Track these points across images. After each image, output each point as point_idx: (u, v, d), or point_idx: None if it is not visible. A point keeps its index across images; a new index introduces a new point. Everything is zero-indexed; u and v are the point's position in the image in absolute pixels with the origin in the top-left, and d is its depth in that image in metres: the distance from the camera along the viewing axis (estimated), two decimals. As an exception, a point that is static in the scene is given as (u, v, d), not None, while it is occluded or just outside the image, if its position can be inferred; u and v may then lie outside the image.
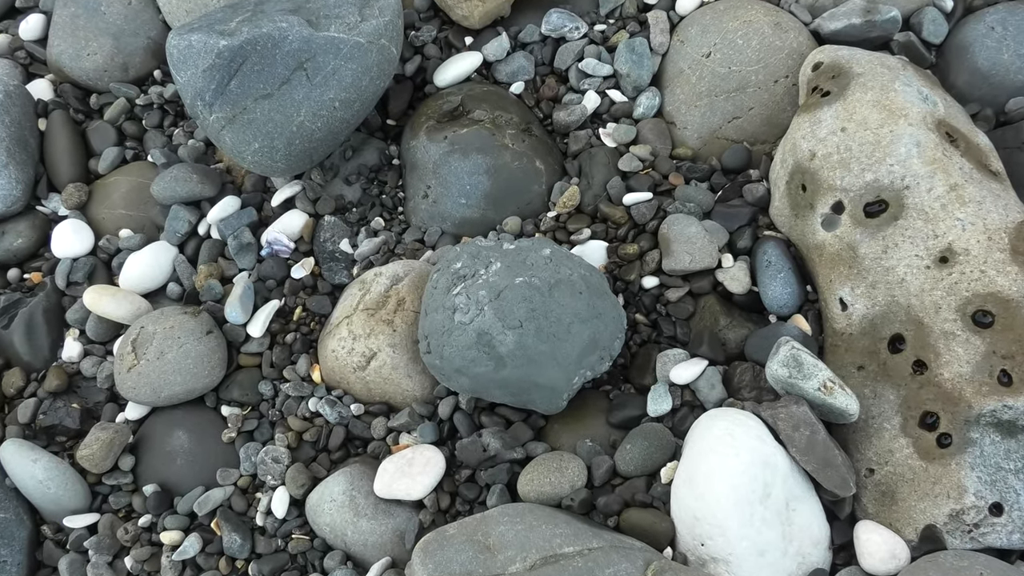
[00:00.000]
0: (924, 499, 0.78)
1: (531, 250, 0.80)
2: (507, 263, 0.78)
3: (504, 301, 0.76)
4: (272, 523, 0.92)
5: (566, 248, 0.90)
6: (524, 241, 0.83)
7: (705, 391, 0.87)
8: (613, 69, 1.07)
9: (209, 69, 0.90)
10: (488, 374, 0.79)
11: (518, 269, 0.77)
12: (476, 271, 0.77)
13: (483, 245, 0.81)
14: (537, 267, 0.78)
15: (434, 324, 0.81)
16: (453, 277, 0.79)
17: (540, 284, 0.77)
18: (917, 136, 0.82)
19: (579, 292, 0.79)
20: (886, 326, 0.82)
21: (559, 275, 0.78)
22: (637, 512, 0.81)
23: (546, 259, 0.80)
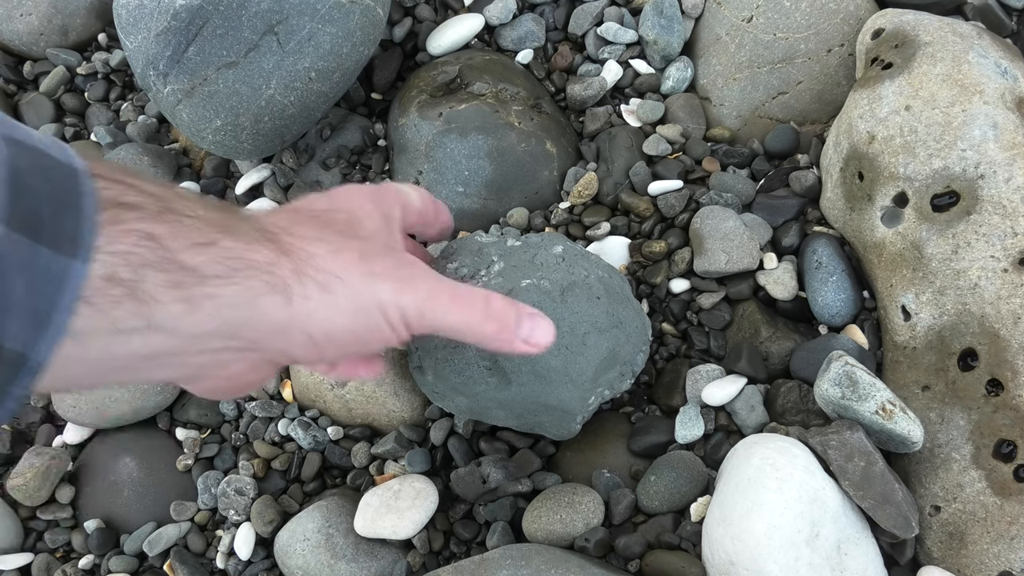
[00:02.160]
0: (999, 541, 0.78)
1: (540, 247, 0.79)
2: (512, 262, 0.77)
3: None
4: (235, 565, 0.93)
5: (581, 245, 0.91)
6: (532, 236, 0.82)
7: (743, 414, 0.88)
8: (638, 35, 1.08)
9: (163, 33, 0.91)
10: (489, 393, 0.78)
11: (525, 269, 0.76)
12: (476, 271, 0.77)
13: (484, 241, 0.80)
14: (547, 267, 0.77)
15: None
16: (449, 277, 0.75)
17: (551, 287, 0.76)
18: (994, 116, 0.83)
19: (596, 297, 0.78)
20: (956, 339, 0.82)
21: (573, 277, 0.78)
22: (663, 555, 0.82)
23: (558, 258, 0.79)
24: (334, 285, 0.54)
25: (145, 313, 0.44)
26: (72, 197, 0.41)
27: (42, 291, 0.39)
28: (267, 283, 0.50)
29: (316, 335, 0.54)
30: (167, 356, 0.47)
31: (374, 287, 0.56)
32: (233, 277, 0.48)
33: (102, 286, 0.41)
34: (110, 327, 0.43)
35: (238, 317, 0.49)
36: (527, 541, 0.85)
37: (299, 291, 0.52)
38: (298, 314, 0.52)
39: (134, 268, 0.43)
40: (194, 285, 0.46)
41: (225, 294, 0.47)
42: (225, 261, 0.47)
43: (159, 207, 0.45)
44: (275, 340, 0.52)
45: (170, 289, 0.44)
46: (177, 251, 0.45)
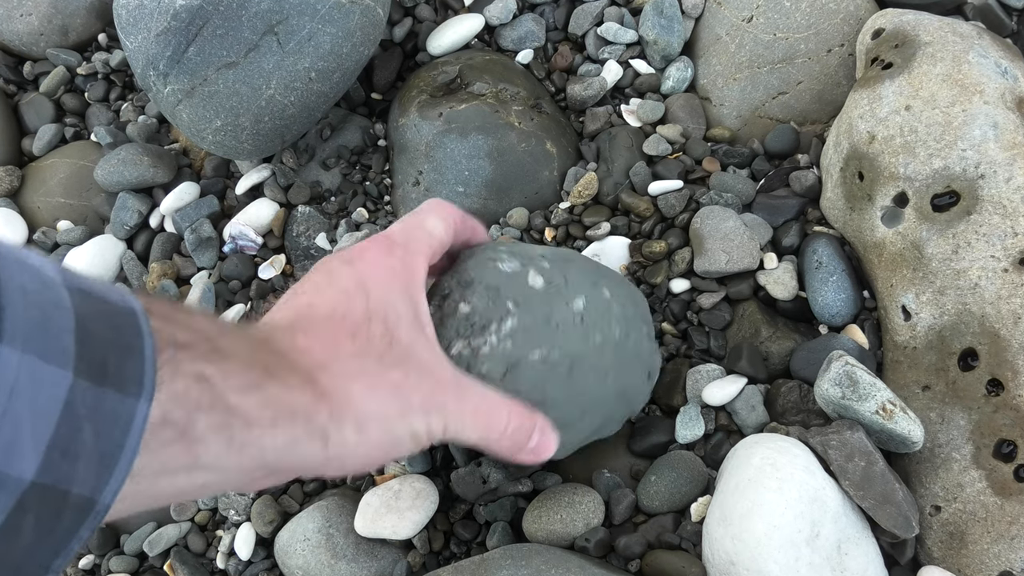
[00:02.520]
0: (999, 541, 0.78)
1: (560, 296, 0.74)
2: (527, 320, 0.72)
3: (512, 380, 0.72)
4: (235, 565, 0.93)
5: (612, 281, 0.81)
6: (557, 271, 0.75)
7: (744, 414, 0.88)
8: (638, 35, 1.08)
9: (164, 33, 0.91)
10: None
11: (538, 334, 0.72)
12: (487, 324, 0.72)
13: (504, 273, 0.74)
14: (563, 330, 0.73)
15: None
16: (459, 323, 0.72)
17: (559, 360, 0.72)
18: (994, 116, 0.83)
19: (605, 373, 0.75)
20: (956, 339, 0.82)
21: (587, 345, 0.74)
22: (663, 555, 0.82)
23: (577, 317, 0.74)
24: (369, 426, 0.56)
25: (193, 453, 0.44)
26: (134, 339, 0.42)
27: (109, 435, 0.40)
28: (307, 430, 0.51)
29: (349, 467, 0.57)
30: (209, 486, 0.48)
31: (408, 420, 0.58)
32: (277, 424, 0.49)
33: (156, 429, 0.42)
34: (159, 468, 0.43)
35: (279, 458, 0.50)
36: (527, 541, 0.85)
37: (336, 437, 0.53)
38: (334, 455, 0.54)
39: (187, 411, 0.44)
40: (240, 428, 0.47)
41: (268, 439, 0.49)
42: (270, 406, 0.49)
43: (208, 347, 0.46)
44: (307, 473, 0.55)
45: (218, 431, 0.45)
46: (226, 393, 0.46)
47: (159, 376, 0.42)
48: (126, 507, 0.45)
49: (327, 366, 0.55)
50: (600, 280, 0.77)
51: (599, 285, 0.76)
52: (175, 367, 0.43)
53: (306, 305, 0.60)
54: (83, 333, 0.39)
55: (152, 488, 0.44)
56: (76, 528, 0.40)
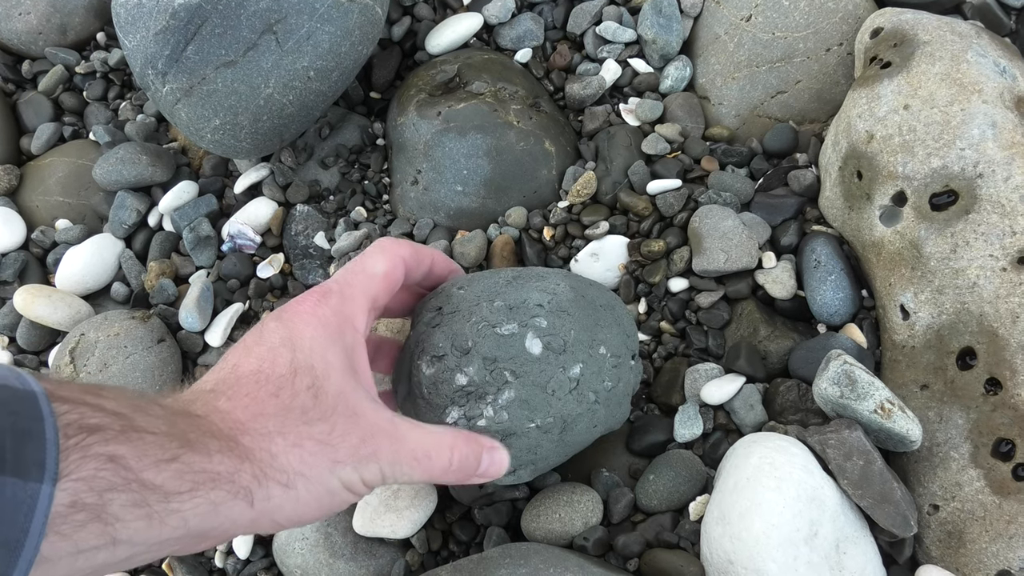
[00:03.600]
0: (997, 540, 0.78)
1: (558, 363, 0.73)
2: (525, 391, 0.72)
3: (506, 447, 0.72)
4: (234, 564, 0.92)
5: (607, 326, 0.79)
6: (554, 331, 0.74)
7: (742, 413, 0.88)
8: (636, 34, 1.08)
9: (162, 32, 0.91)
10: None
11: (535, 404, 0.72)
12: (484, 394, 0.71)
13: (503, 338, 0.73)
14: (558, 395, 0.73)
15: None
16: (455, 392, 0.72)
17: (553, 425, 0.73)
18: (993, 115, 0.83)
19: (595, 425, 0.77)
20: (955, 338, 0.82)
21: (581, 407, 0.75)
22: (662, 554, 0.82)
23: (572, 383, 0.74)
24: (296, 482, 0.55)
25: (109, 532, 0.44)
26: (34, 423, 0.42)
27: (12, 521, 0.40)
28: (229, 492, 0.51)
29: (282, 522, 0.56)
30: (134, 558, 0.48)
31: (337, 474, 0.58)
32: (196, 491, 0.49)
33: (66, 512, 0.42)
34: (74, 549, 0.43)
35: (202, 525, 0.50)
36: (526, 540, 0.85)
37: (261, 495, 0.53)
38: (263, 512, 0.53)
39: (98, 493, 0.44)
40: (158, 502, 0.47)
41: (189, 508, 0.48)
42: (188, 476, 0.48)
43: (121, 426, 0.46)
44: (238, 531, 0.54)
45: (134, 508, 0.45)
46: (140, 471, 0.46)
47: (68, 462, 0.42)
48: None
49: (247, 428, 0.55)
50: (597, 334, 0.76)
51: (596, 343, 0.76)
52: (84, 451, 0.43)
53: (231, 367, 0.59)
54: None
55: (71, 569, 0.44)
56: None
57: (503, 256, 0.97)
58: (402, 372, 0.76)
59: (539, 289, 0.75)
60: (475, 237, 0.98)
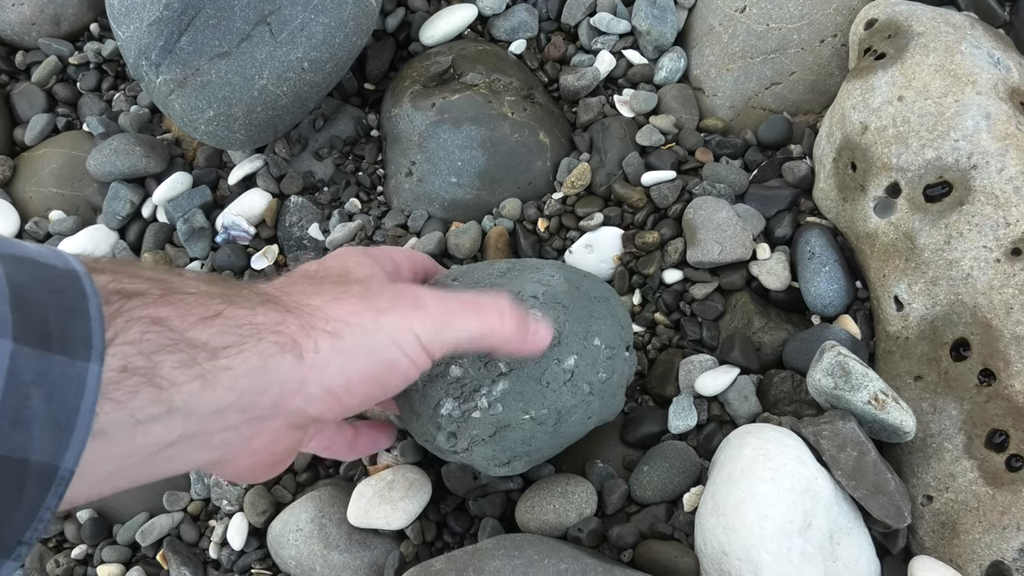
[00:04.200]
0: (990, 531, 0.78)
1: (552, 355, 0.73)
2: (519, 384, 0.72)
3: (500, 441, 0.73)
4: (228, 555, 0.92)
5: (601, 317, 0.78)
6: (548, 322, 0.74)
7: (736, 404, 0.88)
8: (631, 25, 1.07)
9: (156, 23, 0.90)
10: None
11: (529, 396, 0.72)
12: (479, 387, 0.72)
13: None
14: (553, 388, 0.73)
15: (407, 414, 0.77)
16: (449, 384, 0.72)
17: (547, 416, 0.73)
18: (987, 107, 0.83)
19: (589, 417, 0.77)
20: (948, 329, 0.82)
21: (576, 398, 0.74)
22: (656, 545, 0.82)
23: (567, 374, 0.73)
24: (343, 331, 0.54)
25: (164, 399, 0.44)
26: (77, 301, 0.41)
27: (61, 399, 0.39)
28: (277, 343, 0.50)
29: (334, 387, 0.54)
30: (190, 439, 0.47)
31: (383, 322, 0.56)
32: (243, 344, 0.48)
33: (118, 378, 0.41)
34: (131, 419, 0.43)
35: (255, 385, 0.49)
36: (519, 532, 0.85)
37: (309, 345, 0.52)
38: (313, 368, 0.52)
39: (147, 355, 0.43)
40: (207, 360, 0.46)
41: (238, 363, 0.47)
42: (233, 330, 0.48)
43: (161, 290, 0.45)
44: (293, 400, 0.52)
45: (185, 369, 0.45)
46: (185, 330, 0.45)
47: (113, 327, 0.41)
48: (108, 473, 0.44)
49: (286, 290, 0.54)
50: (592, 326, 0.76)
51: (591, 335, 0.75)
52: (128, 315, 0.43)
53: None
54: (18, 300, 0.39)
55: (129, 444, 0.43)
56: (41, 497, 0.39)
57: (497, 248, 0.97)
58: None
59: (533, 281, 0.75)
60: (469, 229, 0.98)
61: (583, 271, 0.82)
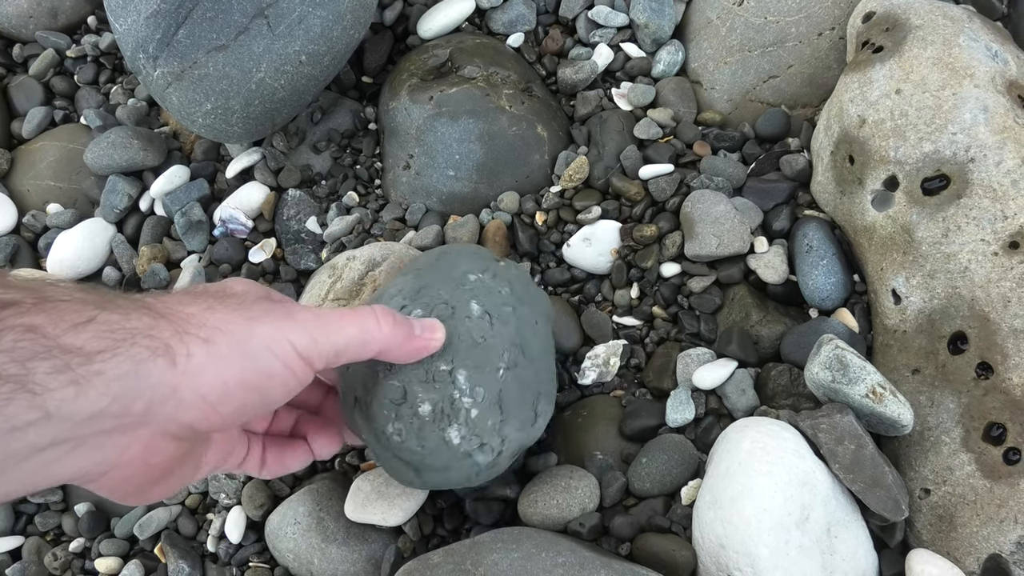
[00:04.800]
0: (988, 524, 0.78)
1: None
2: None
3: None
4: (226, 549, 0.92)
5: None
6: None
7: (734, 397, 0.87)
8: (629, 18, 1.07)
9: (153, 15, 0.90)
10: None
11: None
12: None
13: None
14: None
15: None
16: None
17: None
18: (984, 100, 0.83)
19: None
20: (946, 322, 0.82)
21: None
22: (654, 538, 0.81)
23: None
24: (216, 337, 0.52)
25: (39, 404, 0.43)
26: None
27: None
28: (149, 348, 0.49)
29: (208, 394, 0.52)
30: (62, 444, 0.46)
31: (256, 330, 0.55)
32: (116, 349, 0.47)
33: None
34: (7, 425, 0.42)
35: (126, 390, 0.48)
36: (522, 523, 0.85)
37: (182, 350, 0.50)
38: (186, 374, 0.50)
39: (20, 363, 0.43)
40: (81, 365, 0.45)
41: (110, 368, 0.46)
42: (106, 335, 0.47)
43: (34, 299, 0.45)
44: (165, 406, 0.50)
45: (58, 374, 0.44)
46: (59, 336, 0.45)
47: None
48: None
49: (162, 300, 0.54)
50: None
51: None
52: (1, 325, 0.43)
53: None
54: None
55: (7, 451, 0.43)
56: None
57: (496, 241, 0.97)
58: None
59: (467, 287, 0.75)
60: (467, 222, 0.98)
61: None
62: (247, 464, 0.69)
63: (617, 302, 0.95)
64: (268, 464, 0.70)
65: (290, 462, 0.71)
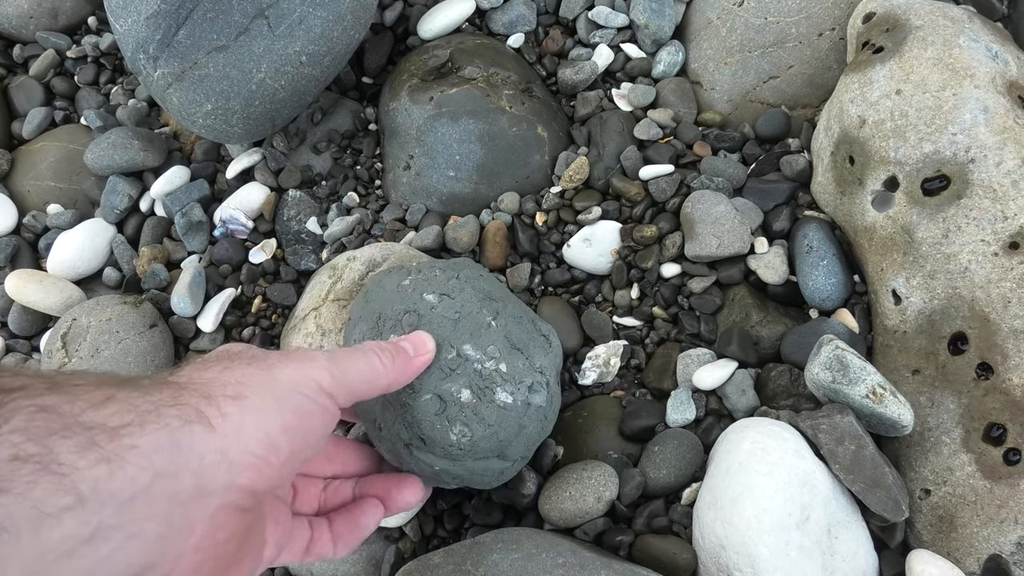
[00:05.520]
0: (988, 525, 0.78)
1: None
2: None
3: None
4: (226, 550, 0.92)
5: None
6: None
7: (734, 398, 0.87)
8: (629, 19, 1.07)
9: (153, 16, 0.90)
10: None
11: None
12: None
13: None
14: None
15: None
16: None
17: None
18: (984, 100, 0.82)
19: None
20: (946, 323, 0.82)
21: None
22: (654, 539, 0.81)
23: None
24: (243, 392, 0.50)
25: (68, 486, 0.39)
26: None
27: None
28: (179, 416, 0.45)
29: (255, 448, 0.50)
30: (112, 533, 0.41)
31: (278, 375, 0.54)
32: (144, 421, 0.44)
33: (11, 468, 0.38)
34: (35, 511, 0.38)
35: (169, 463, 0.44)
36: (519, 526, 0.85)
37: (214, 412, 0.48)
38: (227, 434, 0.48)
39: (39, 440, 0.39)
40: (109, 441, 0.41)
41: (143, 440, 0.43)
42: (129, 410, 0.43)
43: (45, 384, 0.42)
44: (218, 474, 0.47)
45: (85, 452, 0.40)
46: (77, 414, 0.41)
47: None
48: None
49: (175, 374, 0.52)
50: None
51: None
52: (11, 406, 0.39)
53: None
54: None
55: (39, 545, 0.39)
56: None
57: (496, 242, 0.97)
58: None
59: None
60: (468, 222, 0.98)
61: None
62: (317, 546, 0.67)
63: (617, 303, 0.95)
64: (342, 535, 0.68)
65: (365, 522, 0.69)
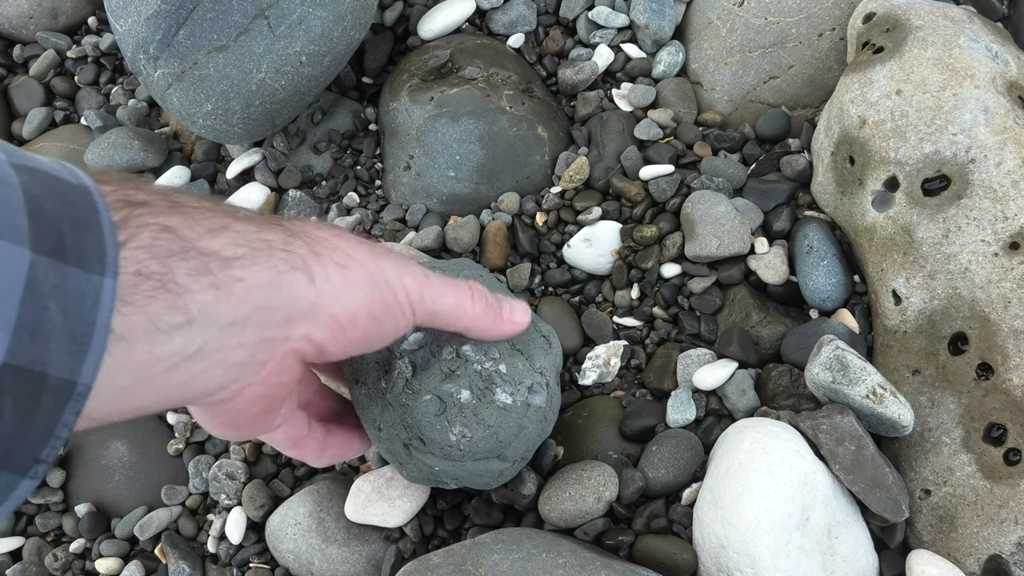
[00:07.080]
0: (988, 525, 0.78)
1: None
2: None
3: None
4: (226, 549, 0.92)
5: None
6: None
7: (734, 398, 0.87)
8: (629, 19, 1.07)
9: (154, 16, 0.90)
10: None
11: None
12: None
13: None
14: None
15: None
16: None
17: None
18: (985, 101, 0.82)
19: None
20: (946, 323, 0.82)
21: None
22: (654, 539, 0.81)
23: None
24: (350, 264, 0.53)
25: (181, 306, 0.42)
26: (90, 215, 0.40)
27: (78, 313, 0.38)
28: (287, 261, 0.49)
29: (341, 316, 0.53)
30: (211, 354, 0.46)
31: (381, 264, 0.56)
32: (255, 257, 0.47)
33: (134, 282, 0.41)
34: (150, 325, 0.42)
35: (268, 300, 0.48)
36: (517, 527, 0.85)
37: (320, 271, 0.51)
38: (323, 293, 0.51)
39: (160, 260, 0.42)
40: (220, 270, 0.45)
41: (251, 275, 0.46)
42: (243, 243, 0.47)
43: (167, 203, 0.44)
44: (302, 323, 0.51)
45: (199, 276, 0.43)
46: (195, 239, 0.44)
47: (124, 232, 0.41)
48: (126, 387, 0.43)
49: (290, 219, 0.54)
50: None
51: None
52: (137, 222, 0.42)
53: None
54: (35, 210, 0.38)
55: (149, 356, 0.42)
56: (59, 412, 0.39)
57: (496, 242, 0.97)
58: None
59: None
60: (468, 223, 0.98)
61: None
62: (307, 443, 0.68)
63: (617, 303, 0.95)
64: (330, 448, 0.70)
65: (355, 446, 0.72)
